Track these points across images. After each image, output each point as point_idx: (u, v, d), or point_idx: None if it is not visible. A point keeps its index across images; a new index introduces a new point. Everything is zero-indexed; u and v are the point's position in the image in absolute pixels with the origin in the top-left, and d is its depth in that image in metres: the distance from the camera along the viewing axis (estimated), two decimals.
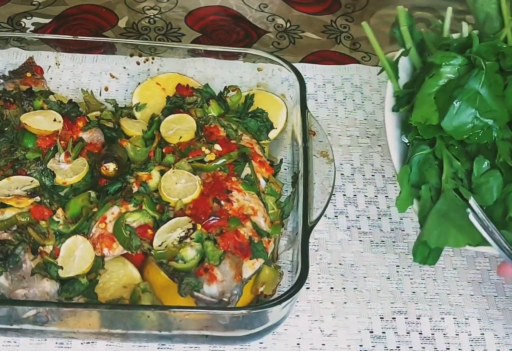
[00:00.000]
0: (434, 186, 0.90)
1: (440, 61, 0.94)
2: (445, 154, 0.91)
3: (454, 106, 0.90)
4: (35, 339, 1.01)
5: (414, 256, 0.90)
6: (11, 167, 1.05)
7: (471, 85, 0.91)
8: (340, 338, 1.04)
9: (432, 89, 0.94)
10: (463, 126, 0.91)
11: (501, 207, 0.89)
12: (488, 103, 0.91)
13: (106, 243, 1.00)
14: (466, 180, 0.90)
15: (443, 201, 0.88)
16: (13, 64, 1.30)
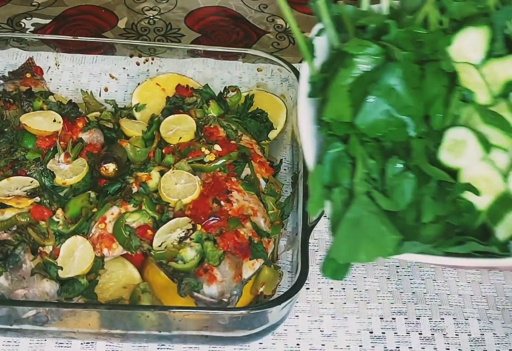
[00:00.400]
0: (347, 188, 0.83)
1: (354, 50, 0.85)
2: (359, 152, 0.84)
3: (367, 103, 0.83)
4: (35, 339, 1.01)
5: (323, 271, 0.82)
6: (11, 167, 1.05)
7: (386, 79, 0.83)
8: (339, 338, 1.04)
9: (346, 81, 0.85)
10: (377, 123, 0.84)
11: (414, 211, 0.83)
12: (404, 99, 0.84)
13: (106, 244, 1.00)
14: (381, 181, 0.84)
15: (355, 207, 0.80)
16: (13, 64, 1.30)
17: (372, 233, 0.79)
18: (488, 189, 0.83)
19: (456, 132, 0.84)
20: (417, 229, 0.82)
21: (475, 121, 0.85)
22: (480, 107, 0.86)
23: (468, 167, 0.83)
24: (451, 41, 0.88)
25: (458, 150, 0.84)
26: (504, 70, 0.88)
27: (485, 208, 0.82)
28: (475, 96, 0.87)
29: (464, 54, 0.89)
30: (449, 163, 0.84)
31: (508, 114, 0.85)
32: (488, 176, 0.83)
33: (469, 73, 0.88)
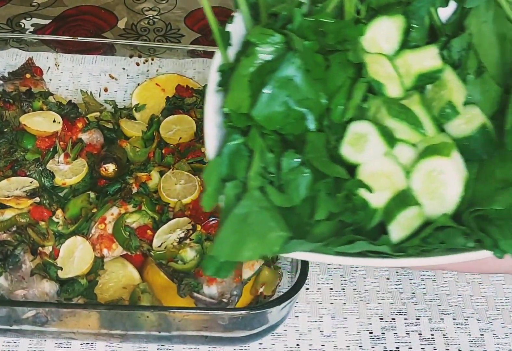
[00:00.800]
0: (243, 182, 0.78)
1: (255, 39, 0.81)
2: (258, 144, 0.79)
3: (264, 94, 0.79)
4: (34, 339, 1.01)
5: (204, 269, 0.75)
6: (11, 168, 1.05)
7: (284, 70, 0.79)
8: (339, 338, 1.04)
9: (247, 71, 0.81)
10: (274, 115, 0.79)
11: (309, 208, 0.78)
12: (303, 91, 0.80)
13: (106, 244, 1.00)
14: (278, 176, 0.78)
15: (245, 202, 0.75)
16: (13, 65, 1.30)
17: (259, 230, 0.74)
18: (388, 186, 0.79)
19: (358, 125, 0.80)
20: (311, 226, 0.77)
21: (382, 114, 0.81)
22: (388, 100, 0.82)
23: (368, 162, 0.79)
24: (364, 31, 0.84)
25: (360, 145, 0.79)
26: (418, 61, 0.85)
27: (381, 206, 0.78)
28: (385, 88, 0.83)
29: (378, 45, 0.86)
30: (350, 158, 0.79)
31: (419, 108, 0.82)
32: (389, 172, 0.79)
33: (381, 64, 0.84)
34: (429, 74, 0.85)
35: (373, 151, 0.79)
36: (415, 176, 0.79)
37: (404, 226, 0.77)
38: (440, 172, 0.78)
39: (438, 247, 0.76)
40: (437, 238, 0.76)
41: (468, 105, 0.85)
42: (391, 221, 0.77)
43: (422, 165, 0.79)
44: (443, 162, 0.78)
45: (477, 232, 0.75)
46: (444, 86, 0.85)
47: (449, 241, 0.76)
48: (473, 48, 0.89)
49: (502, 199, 0.76)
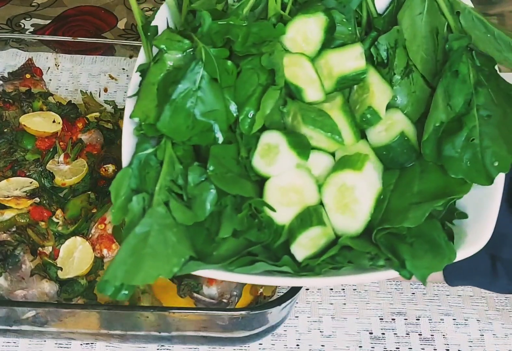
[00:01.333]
0: (151, 195, 0.73)
1: (163, 44, 0.77)
2: (168, 155, 0.75)
3: (168, 106, 0.75)
4: (34, 340, 1.01)
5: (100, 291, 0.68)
6: (11, 168, 1.05)
7: (188, 80, 0.75)
8: (339, 339, 1.04)
9: (156, 78, 0.77)
10: (180, 127, 0.75)
11: (216, 224, 0.73)
12: (208, 102, 0.75)
13: (106, 244, 1.00)
14: (185, 189, 0.74)
15: (146, 220, 0.70)
16: (12, 65, 1.30)
17: (158, 250, 0.68)
18: (296, 201, 0.75)
19: (269, 136, 0.76)
20: (217, 244, 0.73)
21: (298, 121, 0.77)
22: (303, 106, 0.78)
23: (278, 175, 0.75)
24: (284, 30, 0.80)
25: (271, 156, 0.75)
26: (340, 63, 0.80)
27: (288, 222, 0.74)
28: (304, 92, 0.78)
29: (299, 45, 0.81)
30: (261, 170, 0.76)
31: (339, 113, 0.77)
32: (299, 186, 0.75)
33: (301, 66, 0.79)
34: (352, 76, 0.80)
35: (284, 164, 0.75)
36: (327, 190, 0.75)
37: (308, 245, 0.73)
38: (351, 187, 0.74)
39: (347, 266, 0.72)
40: (345, 257, 0.72)
41: (392, 109, 0.81)
42: (292, 242, 0.73)
43: (334, 179, 0.75)
44: (355, 177, 0.74)
45: (385, 252, 0.71)
46: (367, 89, 0.80)
47: (356, 261, 0.72)
48: (403, 45, 0.83)
49: (413, 216, 0.72)
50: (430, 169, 0.78)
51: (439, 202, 0.73)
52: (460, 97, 0.78)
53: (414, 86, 0.83)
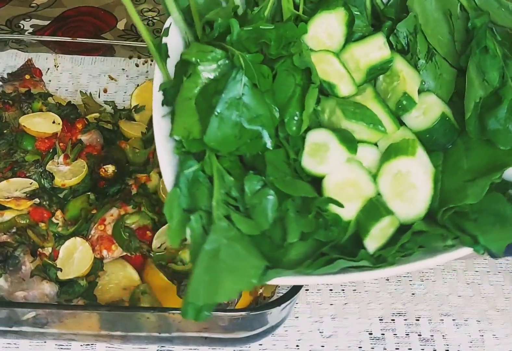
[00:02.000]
0: (207, 211, 0.72)
1: (195, 57, 0.76)
2: (215, 169, 0.74)
3: (214, 117, 0.73)
4: (34, 341, 1.00)
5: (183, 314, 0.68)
6: (10, 169, 1.05)
7: (231, 89, 0.74)
8: (339, 339, 1.04)
9: (191, 93, 0.76)
10: (228, 138, 0.74)
11: (279, 230, 0.73)
12: (253, 108, 0.74)
13: (105, 245, 1.00)
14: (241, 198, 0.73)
15: (213, 236, 0.69)
16: (12, 66, 1.30)
17: (232, 264, 0.68)
18: (355, 195, 0.75)
19: (316, 134, 0.76)
20: (285, 249, 0.72)
21: (338, 117, 0.77)
22: (341, 101, 0.78)
23: (332, 172, 0.75)
24: (306, 29, 0.79)
25: (320, 155, 0.75)
26: (365, 54, 0.80)
27: (353, 217, 0.74)
28: (337, 88, 0.79)
29: (323, 41, 0.81)
30: (313, 170, 0.75)
31: (374, 103, 0.78)
32: (354, 179, 0.75)
33: (328, 62, 0.80)
34: (379, 66, 0.81)
35: (335, 160, 0.75)
36: (382, 180, 0.75)
37: (379, 237, 0.73)
38: (406, 173, 0.74)
39: (417, 251, 0.72)
40: (416, 242, 0.72)
41: (424, 93, 0.82)
42: (366, 236, 0.73)
43: (387, 167, 0.75)
44: (409, 162, 0.74)
45: (454, 231, 0.72)
46: (396, 77, 0.81)
47: (428, 244, 0.72)
48: (421, 30, 0.84)
49: (473, 193, 0.72)
50: (475, 146, 0.78)
51: (497, 175, 0.73)
52: (494, 72, 0.79)
53: (440, 69, 0.84)
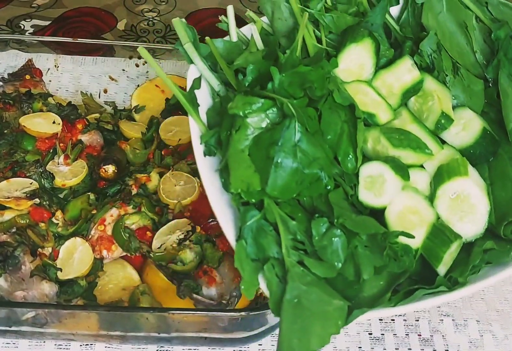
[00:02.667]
0: (277, 259, 0.74)
1: (242, 110, 0.77)
2: (277, 215, 0.75)
3: (273, 168, 0.75)
4: (34, 340, 1.00)
5: None
6: (11, 169, 1.05)
7: (286, 138, 0.75)
8: (339, 339, 1.04)
9: (243, 145, 0.77)
10: (289, 184, 0.76)
11: (351, 267, 0.75)
12: (310, 153, 0.76)
13: (105, 245, 1.00)
14: (309, 243, 0.75)
15: (291, 285, 0.71)
16: (12, 66, 1.30)
17: (317, 310, 0.70)
18: (418, 222, 0.77)
19: (370, 167, 0.79)
20: (360, 284, 0.75)
21: (384, 145, 0.79)
22: (384, 130, 0.80)
23: (391, 202, 0.77)
24: (337, 62, 0.82)
25: (377, 187, 0.78)
26: (397, 79, 0.83)
27: (420, 244, 0.77)
28: (377, 117, 0.81)
29: (354, 73, 0.84)
30: (371, 203, 0.78)
31: (413, 125, 0.81)
32: (414, 206, 0.77)
33: (363, 93, 0.82)
34: (412, 88, 0.84)
35: (393, 190, 0.78)
36: (439, 202, 0.78)
37: (447, 260, 0.76)
38: (463, 193, 0.77)
39: (484, 267, 0.76)
40: (483, 260, 0.76)
41: (458, 108, 0.84)
42: (439, 262, 0.76)
43: (443, 189, 0.77)
44: (464, 182, 0.77)
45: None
46: (430, 97, 0.83)
47: (496, 260, 0.76)
48: (441, 45, 0.86)
49: None
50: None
51: None
52: None
53: (466, 81, 0.86)
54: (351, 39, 0.84)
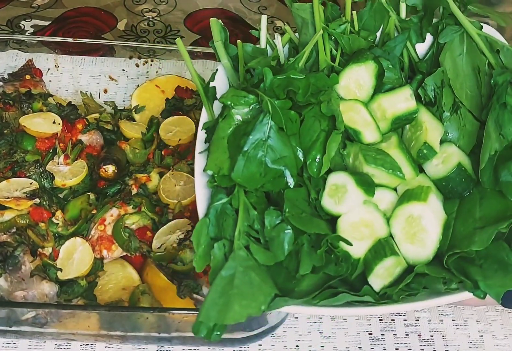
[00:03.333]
0: (230, 241, 0.79)
1: (230, 101, 0.84)
2: (242, 203, 0.81)
3: (241, 156, 0.81)
4: (34, 340, 1.00)
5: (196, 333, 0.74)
6: (11, 169, 1.05)
7: (258, 132, 0.81)
8: (339, 340, 1.04)
9: (225, 133, 0.84)
10: (253, 175, 0.82)
11: (295, 262, 0.79)
12: (278, 150, 0.82)
13: (105, 245, 1.00)
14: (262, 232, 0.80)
15: (230, 263, 0.76)
16: (12, 66, 1.30)
17: (244, 290, 0.75)
18: (368, 235, 0.81)
19: (335, 177, 0.83)
20: (297, 280, 0.79)
21: (360, 161, 0.83)
22: (364, 147, 0.84)
23: (348, 212, 0.81)
24: (337, 80, 0.87)
25: (339, 196, 0.82)
26: (392, 105, 0.87)
27: (362, 255, 0.80)
28: (362, 135, 0.85)
29: (353, 91, 0.88)
30: (331, 209, 0.82)
31: (397, 151, 0.84)
32: (369, 220, 0.81)
33: (356, 111, 0.86)
34: (404, 116, 0.87)
35: (352, 201, 0.81)
36: (395, 222, 0.81)
37: (384, 275, 0.79)
38: (418, 217, 0.80)
39: (422, 291, 0.78)
40: (420, 283, 0.78)
41: (446, 143, 0.88)
42: (370, 274, 0.79)
43: (401, 211, 0.81)
44: (421, 208, 0.80)
45: (457, 275, 0.76)
46: (420, 127, 0.87)
47: (431, 286, 0.78)
48: (448, 84, 0.90)
49: (480, 240, 0.77)
50: (489, 196, 0.83)
51: (504, 224, 0.77)
52: (510, 127, 0.84)
53: (463, 121, 0.90)
54: (355, 59, 0.88)
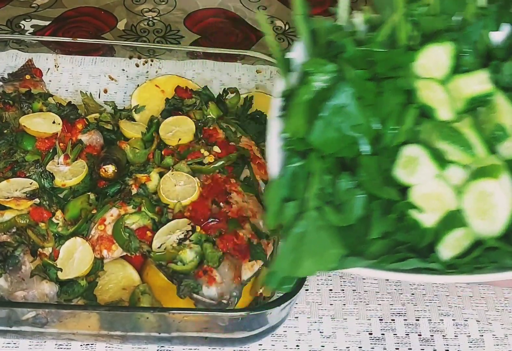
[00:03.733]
0: (303, 202, 0.83)
1: (311, 68, 0.87)
2: (316, 167, 0.85)
3: (319, 121, 0.84)
4: (34, 341, 1.01)
5: (267, 283, 0.82)
6: (11, 169, 1.05)
7: (337, 98, 0.85)
8: (339, 339, 1.04)
9: (304, 98, 0.87)
10: (329, 140, 0.85)
11: (365, 227, 0.83)
12: (355, 117, 0.85)
13: (105, 245, 1.00)
14: (334, 196, 0.84)
15: (302, 222, 0.81)
16: (12, 66, 1.30)
17: (315, 248, 0.80)
18: (438, 207, 0.83)
19: (410, 149, 0.85)
20: (366, 244, 0.82)
21: (434, 137, 0.85)
22: (439, 124, 0.86)
23: (420, 184, 0.83)
24: (415, 57, 0.89)
25: (411, 167, 0.84)
26: (468, 86, 0.89)
27: (433, 225, 0.83)
28: (437, 112, 0.87)
29: (430, 70, 0.90)
30: (403, 179, 0.84)
31: (470, 131, 0.86)
32: (440, 193, 0.83)
33: (432, 89, 0.89)
34: (479, 98, 0.89)
35: (424, 174, 0.84)
36: (467, 197, 0.83)
37: (453, 246, 0.82)
38: (490, 194, 0.82)
39: (489, 265, 0.81)
40: (489, 257, 0.81)
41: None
42: (439, 242, 0.82)
43: (473, 186, 0.83)
44: (492, 184, 0.82)
45: None
46: (494, 109, 0.88)
47: (500, 261, 0.80)
48: None
49: None
50: None
51: None
52: None
53: None
54: (434, 40, 0.90)
